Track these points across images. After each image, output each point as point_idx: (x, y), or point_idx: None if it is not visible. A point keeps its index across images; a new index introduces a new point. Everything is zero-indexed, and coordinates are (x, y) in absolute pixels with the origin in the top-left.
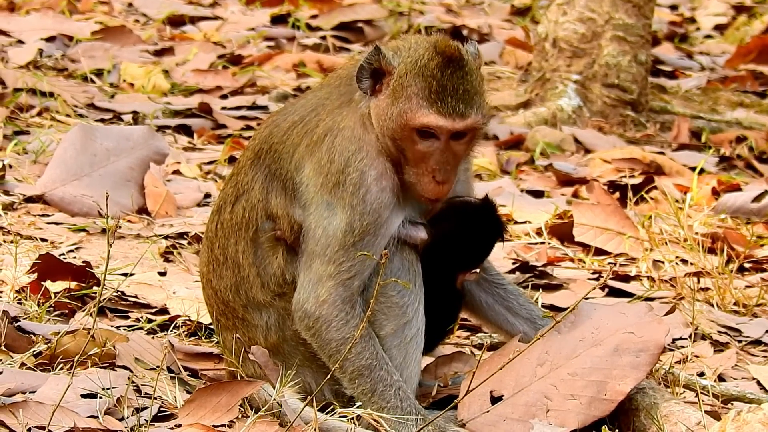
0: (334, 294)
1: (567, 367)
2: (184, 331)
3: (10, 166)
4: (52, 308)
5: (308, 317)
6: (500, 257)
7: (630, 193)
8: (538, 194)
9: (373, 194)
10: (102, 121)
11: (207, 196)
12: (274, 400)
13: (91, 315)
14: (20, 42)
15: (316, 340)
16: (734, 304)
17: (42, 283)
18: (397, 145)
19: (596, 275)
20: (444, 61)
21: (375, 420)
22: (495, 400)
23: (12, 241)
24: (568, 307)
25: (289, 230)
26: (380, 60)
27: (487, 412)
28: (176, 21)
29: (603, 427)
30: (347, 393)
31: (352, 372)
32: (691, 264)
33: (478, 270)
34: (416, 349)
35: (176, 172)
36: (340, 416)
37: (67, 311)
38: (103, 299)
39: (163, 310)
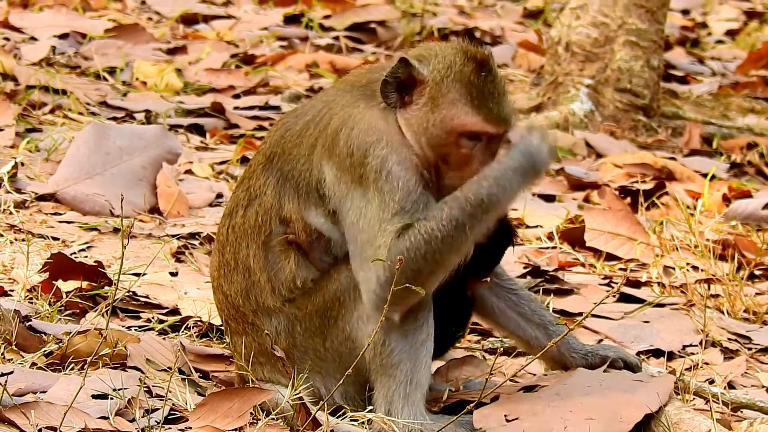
0: (399, 224)
1: (581, 400)
2: (195, 332)
3: (23, 164)
4: (63, 308)
5: (403, 255)
6: (511, 261)
7: (641, 199)
8: (549, 198)
9: (396, 172)
10: (114, 119)
11: (219, 196)
12: (286, 403)
13: (103, 315)
14: (33, 39)
15: (427, 252)
16: (744, 311)
17: (53, 282)
18: (439, 151)
19: (607, 280)
20: (477, 65)
21: (384, 422)
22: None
23: (24, 240)
24: (580, 313)
25: (303, 233)
26: (409, 71)
27: (508, 421)
28: (189, 19)
29: None
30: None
31: (479, 201)
32: (702, 270)
33: (489, 278)
34: (426, 354)
35: (188, 171)
36: (351, 420)
37: (78, 311)
38: (116, 300)
39: (175, 311)
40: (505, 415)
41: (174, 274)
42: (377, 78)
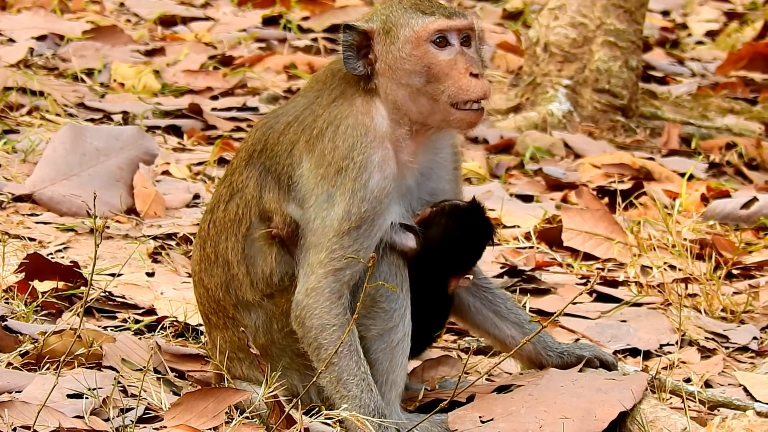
0: (323, 282)
1: (554, 400)
2: (171, 332)
3: (0, 165)
4: (39, 308)
5: (296, 306)
6: (488, 261)
7: (619, 199)
8: (527, 198)
9: (376, 180)
10: (92, 120)
11: (196, 197)
12: (260, 401)
13: (78, 315)
14: (11, 41)
15: (300, 329)
16: (722, 310)
17: (29, 282)
18: (422, 75)
19: (584, 280)
20: None
21: (360, 422)
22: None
23: (0, 240)
24: (555, 312)
25: (284, 225)
26: (357, 31)
27: (482, 422)
28: (168, 21)
29: None
30: (320, 384)
31: (325, 360)
32: (680, 270)
33: (471, 276)
34: (402, 353)
35: (165, 172)
36: (325, 418)
37: (54, 311)
38: (91, 299)
39: (151, 311)
40: (480, 417)
41: (150, 275)
42: (342, 65)
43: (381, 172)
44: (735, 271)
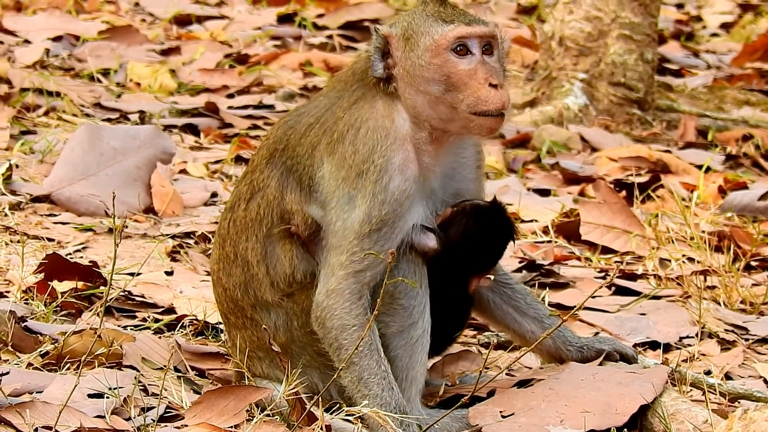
0: (343, 284)
1: (575, 393)
2: (191, 331)
3: (17, 166)
4: (58, 308)
5: (317, 307)
6: (507, 256)
7: (636, 192)
8: (544, 193)
9: (396, 183)
10: (109, 120)
11: (214, 195)
12: (281, 399)
13: (97, 315)
14: (27, 42)
15: (320, 330)
16: (741, 302)
17: (49, 283)
18: (441, 84)
19: (603, 274)
20: (436, 1)
21: (381, 418)
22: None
23: (19, 241)
24: (574, 306)
25: (304, 226)
26: (383, 36)
27: (503, 417)
28: (183, 20)
29: (612, 428)
30: (341, 383)
31: (345, 360)
32: (698, 262)
33: (492, 276)
34: (422, 349)
35: (183, 171)
36: (346, 415)
37: (74, 311)
38: (110, 299)
39: (170, 310)
40: (501, 411)
41: (169, 273)
42: (364, 66)
43: (402, 175)
44: (753, 263)
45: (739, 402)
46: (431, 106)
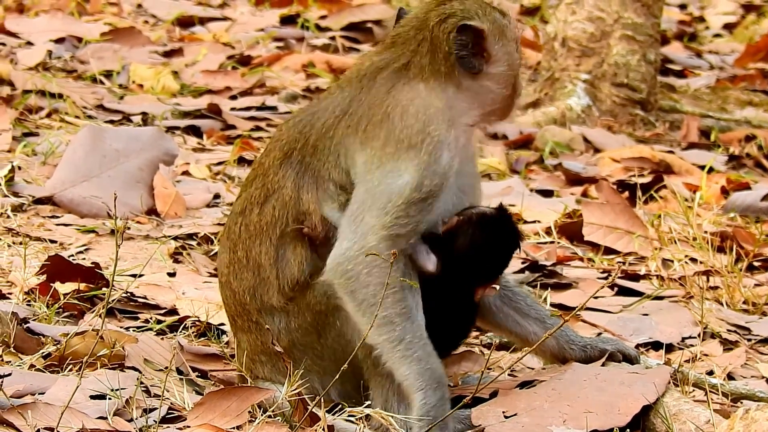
0: (383, 245)
1: (578, 394)
2: (193, 332)
3: (20, 168)
4: (61, 309)
5: (348, 261)
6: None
7: (639, 192)
8: (547, 193)
9: (446, 158)
10: (111, 122)
11: (216, 196)
12: (283, 400)
13: (100, 316)
14: (29, 44)
15: (351, 284)
16: (743, 302)
17: (51, 284)
18: (497, 103)
19: (606, 274)
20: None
21: (383, 418)
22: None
23: (21, 243)
24: (577, 306)
25: (320, 226)
26: (472, 30)
27: (506, 417)
28: (185, 22)
29: (614, 428)
30: (370, 342)
31: (384, 318)
32: (701, 263)
33: (497, 286)
34: None
35: (185, 173)
36: (349, 416)
37: (76, 312)
38: (112, 300)
39: (173, 311)
40: (503, 412)
41: (172, 275)
42: (396, 57)
43: (449, 152)
44: (756, 263)
45: (741, 402)
46: (501, 99)
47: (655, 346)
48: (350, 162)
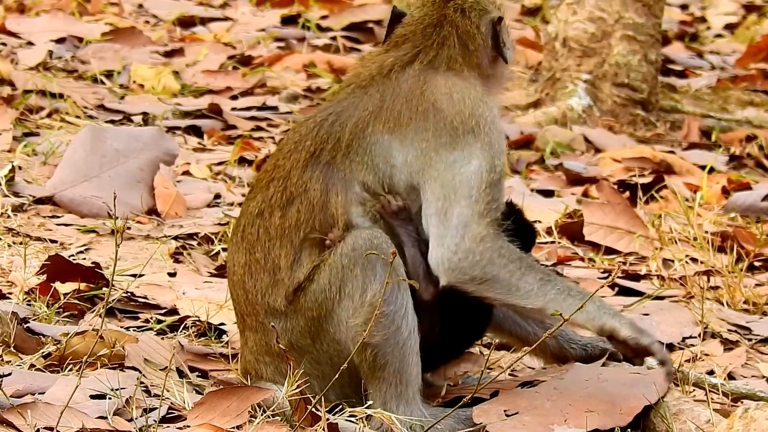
0: (490, 230)
1: (579, 393)
2: (193, 332)
3: (20, 168)
4: (61, 309)
5: (468, 254)
6: None
7: (640, 192)
8: (548, 193)
9: (502, 136)
10: (112, 122)
11: (217, 196)
12: (283, 399)
13: (100, 316)
14: (30, 44)
15: (491, 270)
16: (744, 302)
17: (51, 284)
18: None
19: (606, 274)
20: None
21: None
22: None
23: (21, 243)
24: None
25: (341, 233)
26: (497, 20)
27: (507, 416)
28: (186, 22)
29: (616, 428)
30: (542, 307)
31: (540, 280)
32: (701, 263)
33: None
34: (411, 351)
35: (186, 172)
36: (349, 415)
37: (76, 312)
38: (113, 300)
39: (173, 311)
40: (505, 410)
41: (172, 275)
42: (418, 52)
43: (502, 132)
44: (757, 263)
45: (742, 402)
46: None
47: None
48: (389, 161)
